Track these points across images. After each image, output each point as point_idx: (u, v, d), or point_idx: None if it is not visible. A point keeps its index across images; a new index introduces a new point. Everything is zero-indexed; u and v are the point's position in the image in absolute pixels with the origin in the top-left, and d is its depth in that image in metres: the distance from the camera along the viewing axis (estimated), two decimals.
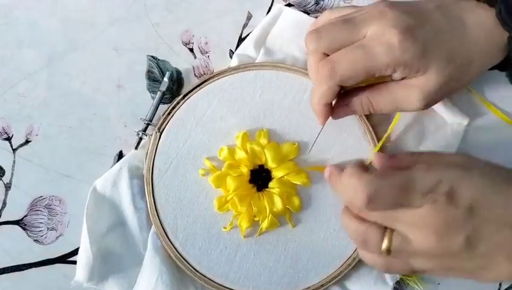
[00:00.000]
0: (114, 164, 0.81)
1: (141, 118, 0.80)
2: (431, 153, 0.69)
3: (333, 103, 0.72)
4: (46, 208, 0.81)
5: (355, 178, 0.61)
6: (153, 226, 0.77)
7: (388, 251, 0.62)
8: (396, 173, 0.61)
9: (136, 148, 0.80)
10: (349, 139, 0.79)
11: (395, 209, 0.61)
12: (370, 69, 0.67)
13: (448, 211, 0.60)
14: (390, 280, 0.77)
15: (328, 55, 0.69)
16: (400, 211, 0.61)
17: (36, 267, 0.80)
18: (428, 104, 0.69)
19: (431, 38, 0.67)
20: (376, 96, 0.71)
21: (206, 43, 0.85)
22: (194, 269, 0.76)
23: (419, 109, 0.70)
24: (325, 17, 0.76)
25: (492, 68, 0.74)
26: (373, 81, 0.72)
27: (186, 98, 0.80)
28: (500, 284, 0.80)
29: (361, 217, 0.63)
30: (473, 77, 0.72)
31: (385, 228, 0.62)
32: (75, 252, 0.80)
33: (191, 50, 0.85)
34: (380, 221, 0.62)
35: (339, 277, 0.76)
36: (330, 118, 0.73)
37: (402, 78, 0.69)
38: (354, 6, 0.77)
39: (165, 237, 0.76)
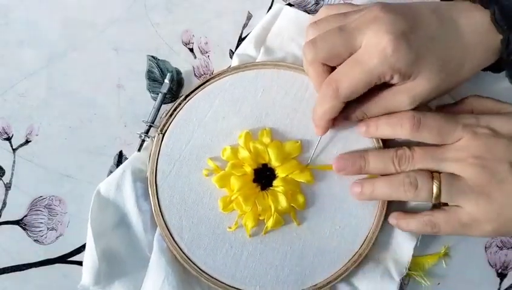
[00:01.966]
0: (114, 163, 0.80)
1: (143, 120, 0.78)
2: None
3: None
4: (46, 208, 0.79)
5: (401, 112, 0.69)
6: (158, 228, 0.75)
7: (439, 191, 0.67)
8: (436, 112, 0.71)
9: (139, 150, 0.78)
10: (351, 137, 0.76)
11: (440, 147, 0.68)
12: (370, 82, 0.67)
13: (488, 139, 0.66)
14: (396, 275, 0.75)
15: (326, 64, 0.70)
16: (445, 147, 0.68)
17: (36, 267, 0.78)
18: (418, 105, 0.69)
19: (424, 44, 0.66)
20: (369, 107, 0.71)
21: (206, 43, 0.83)
22: (200, 269, 0.74)
23: (408, 109, 0.70)
24: (322, 13, 0.75)
25: (486, 69, 0.73)
26: None
27: (188, 99, 0.78)
28: (500, 284, 0.79)
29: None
30: (464, 79, 0.71)
31: (432, 174, 0.68)
32: (75, 252, 0.78)
33: (191, 50, 0.83)
34: (427, 165, 0.68)
35: (345, 274, 0.74)
36: None
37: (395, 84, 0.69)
38: (352, 4, 0.75)
39: (170, 238, 0.74)
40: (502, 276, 0.79)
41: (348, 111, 0.71)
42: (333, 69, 0.69)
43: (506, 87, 0.80)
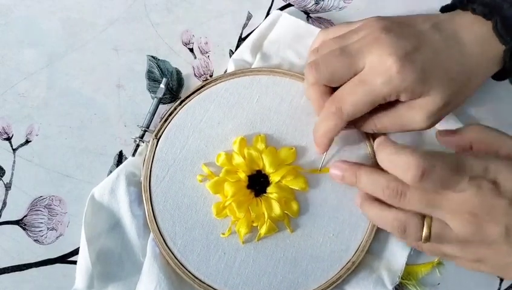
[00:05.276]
0: (114, 163, 0.79)
1: (138, 125, 0.78)
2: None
3: None
4: (46, 208, 0.78)
5: (409, 153, 0.60)
6: (151, 233, 0.74)
7: (427, 238, 0.62)
8: (446, 155, 0.62)
9: (133, 155, 0.78)
10: (346, 144, 0.76)
11: (438, 193, 0.61)
12: (374, 103, 0.66)
13: (491, 198, 0.60)
14: (389, 284, 0.74)
15: (327, 86, 0.69)
16: (444, 195, 0.61)
17: (36, 267, 0.77)
18: (433, 122, 0.68)
19: (429, 60, 0.65)
20: (381, 118, 0.69)
21: (206, 43, 0.82)
22: (193, 275, 0.73)
23: (424, 128, 0.68)
24: (320, 38, 0.74)
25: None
26: None
27: (183, 104, 0.77)
28: (500, 284, 0.77)
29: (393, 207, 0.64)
30: (473, 90, 0.70)
31: (424, 216, 0.62)
32: (75, 252, 0.77)
33: (191, 50, 0.82)
34: (420, 208, 0.62)
35: (338, 282, 0.73)
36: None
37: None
38: (348, 23, 0.73)
39: (163, 244, 0.73)
40: None
41: (358, 120, 0.70)
42: (333, 89, 0.69)
43: (505, 89, 0.79)
